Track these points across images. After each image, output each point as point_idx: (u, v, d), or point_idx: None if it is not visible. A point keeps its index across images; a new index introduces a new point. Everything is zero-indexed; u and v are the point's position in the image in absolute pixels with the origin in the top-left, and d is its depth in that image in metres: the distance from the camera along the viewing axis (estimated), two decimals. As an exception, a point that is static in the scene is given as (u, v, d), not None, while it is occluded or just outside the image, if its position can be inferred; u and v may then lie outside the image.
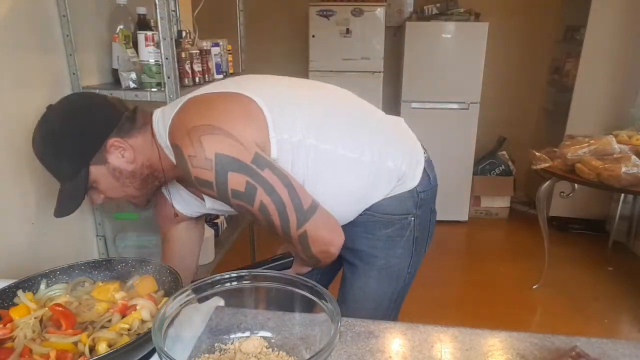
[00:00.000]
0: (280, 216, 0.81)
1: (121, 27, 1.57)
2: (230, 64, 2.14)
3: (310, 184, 0.86)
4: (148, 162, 0.90)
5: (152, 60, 1.49)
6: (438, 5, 3.23)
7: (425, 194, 0.97)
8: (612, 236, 3.05)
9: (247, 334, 0.68)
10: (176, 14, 2.11)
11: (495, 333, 0.71)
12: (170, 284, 0.78)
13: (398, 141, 0.98)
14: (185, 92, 1.61)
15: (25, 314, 0.71)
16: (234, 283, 0.66)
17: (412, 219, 0.97)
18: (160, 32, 1.37)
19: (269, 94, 0.88)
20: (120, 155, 0.86)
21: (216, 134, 0.77)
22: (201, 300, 0.65)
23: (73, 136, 0.85)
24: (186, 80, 1.64)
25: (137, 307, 0.72)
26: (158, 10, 1.34)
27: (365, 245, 0.98)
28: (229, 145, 0.77)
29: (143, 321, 0.71)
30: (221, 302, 0.71)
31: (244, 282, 0.66)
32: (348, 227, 0.94)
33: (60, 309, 0.70)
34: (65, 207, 0.88)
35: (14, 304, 0.74)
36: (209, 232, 1.93)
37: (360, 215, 0.95)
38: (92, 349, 0.65)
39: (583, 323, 2.31)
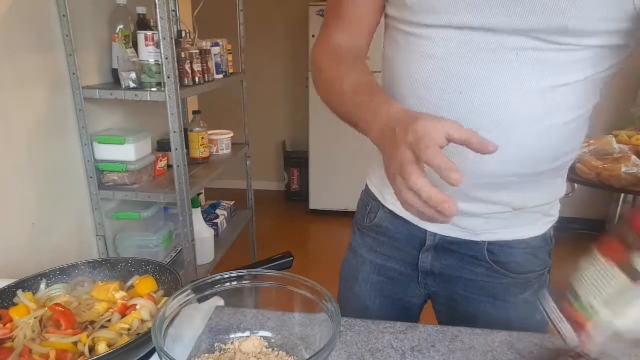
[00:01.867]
0: None
1: (121, 27, 1.58)
2: (230, 64, 2.15)
3: None
4: None
5: (152, 60, 1.49)
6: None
7: None
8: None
9: (247, 334, 0.68)
10: (176, 14, 2.11)
11: (495, 333, 0.71)
12: (170, 284, 0.78)
13: None
14: (185, 92, 1.62)
15: (25, 314, 0.71)
16: (234, 283, 0.66)
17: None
18: (160, 32, 1.37)
19: None
20: None
21: None
22: (201, 300, 0.65)
23: None
24: (186, 80, 1.65)
25: (137, 307, 0.72)
26: (158, 10, 1.34)
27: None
28: None
29: (143, 321, 0.71)
30: (221, 302, 0.71)
31: (244, 282, 0.66)
32: None
33: (60, 309, 0.70)
34: None
35: (14, 304, 0.74)
36: (209, 232, 1.93)
37: None
38: (92, 349, 0.65)
39: (583, 323, 2.30)
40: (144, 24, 1.59)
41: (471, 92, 0.65)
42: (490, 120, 0.65)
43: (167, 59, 1.40)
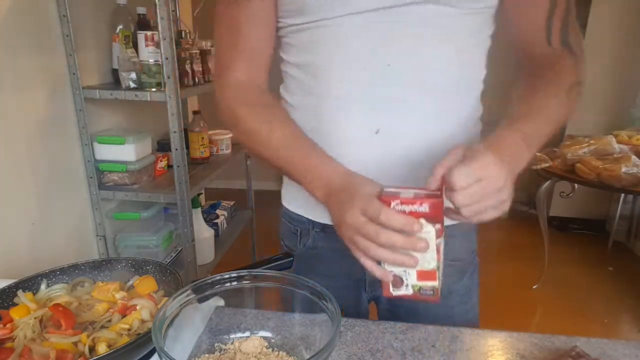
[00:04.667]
0: None
1: (121, 27, 1.58)
2: (230, 64, 2.14)
3: None
4: None
5: (152, 60, 1.49)
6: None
7: None
8: (612, 236, 3.05)
9: (247, 334, 0.68)
10: (176, 14, 2.11)
11: (495, 333, 0.71)
12: (170, 284, 0.78)
13: None
14: (185, 92, 1.62)
15: (25, 314, 0.71)
16: (234, 283, 0.66)
17: None
18: (160, 32, 1.37)
19: None
20: None
21: None
22: (201, 300, 0.65)
23: None
24: (186, 80, 1.65)
25: (137, 307, 0.72)
26: (158, 10, 1.34)
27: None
28: None
29: (143, 321, 0.71)
30: (221, 302, 0.71)
31: (244, 282, 0.66)
32: None
33: (60, 309, 0.70)
34: None
35: (14, 304, 0.74)
36: (209, 232, 1.93)
37: None
38: (92, 349, 0.65)
39: (583, 323, 2.31)
40: (144, 24, 1.59)
41: (397, 63, 0.69)
42: (417, 86, 0.70)
43: (167, 59, 1.40)
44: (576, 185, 2.38)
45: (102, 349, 0.64)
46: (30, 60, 1.35)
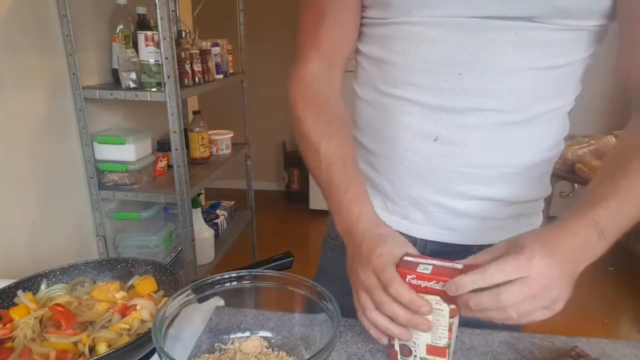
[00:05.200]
0: None
1: (121, 27, 1.58)
2: (230, 64, 2.15)
3: None
4: None
5: (152, 60, 1.49)
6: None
7: None
8: (612, 236, 3.05)
9: (247, 334, 0.68)
10: (176, 14, 2.11)
11: (495, 333, 0.71)
12: (170, 284, 0.78)
13: None
14: (185, 92, 1.62)
15: (25, 314, 0.71)
16: (234, 283, 0.66)
17: None
18: (160, 32, 1.37)
19: None
20: None
21: None
22: (201, 300, 0.65)
23: None
24: (186, 80, 1.65)
25: (137, 307, 0.72)
26: (158, 10, 1.34)
27: None
28: None
29: (143, 321, 0.71)
30: (221, 302, 0.71)
31: (244, 282, 0.66)
32: None
33: (60, 309, 0.70)
34: None
35: (14, 304, 0.74)
36: (209, 232, 1.93)
37: None
38: (92, 349, 0.65)
39: (583, 323, 2.31)
40: (144, 24, 1.59)
41: (469, 73, 0.66)
42: (488, 102, 0.67)
43: (167, 59, 1.40)
44: (576, 185, 2.38)
45: (102, 349, 0.64)
46: (30, 60, 1.35)
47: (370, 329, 0.59)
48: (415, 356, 0.60)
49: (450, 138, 0.69)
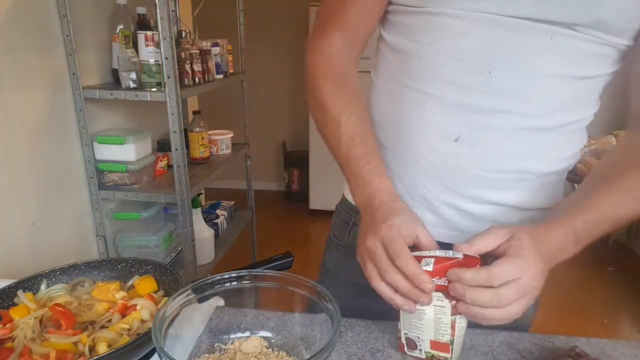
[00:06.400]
0: None
1: (121, 27, 1.58)
2: (230, 64, 2.15)
3: None
4: None
5: (152, 60, 1.49)
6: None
7: None
8: (612, 236, 3.05)
9: (247, 334, 0.68)
10: (176, 14, 2.11)
11: (495, 333, 0.71)
12: (170, 284, 0.78)
13: None
14: (185, 92, 1.62)
15: (25, 314, 0.71)
16: (234, 283, 0.66)
17: None
18: (160, 32, 1.37)
19: None
20: None
21: None
22: (201, 300, 0.65)
23: None
24: (186, 80, 1.65)
25: (137, 307, 0.72)
26: (158, 10, 1.34)
27: None
28: None
29: (143, 321, 0.71)
30: (221, 302, 0.71)
31: (244, 282, 0.66)
32: None
33: (60, 309, 0.70)
34: None
35: (14, 304, 0.74)
36: (209, 232, 1.93)
37: None
38: (92, 349, 0.65)
39: (583, 323, 2.31)
40: (144, 24, 1.59)
41: (500, 72, 0.64)
42: (514, 105, 0.66)
43: (167, 59, 1.40)
44: (576, 185, 2.38)
45: (102, 349, 0.64)
46: (30, 60, 1.35)
47: (382, 292, 0.59)
48: (421, 350, 0.62)
49: (471, 139, 0.68)
